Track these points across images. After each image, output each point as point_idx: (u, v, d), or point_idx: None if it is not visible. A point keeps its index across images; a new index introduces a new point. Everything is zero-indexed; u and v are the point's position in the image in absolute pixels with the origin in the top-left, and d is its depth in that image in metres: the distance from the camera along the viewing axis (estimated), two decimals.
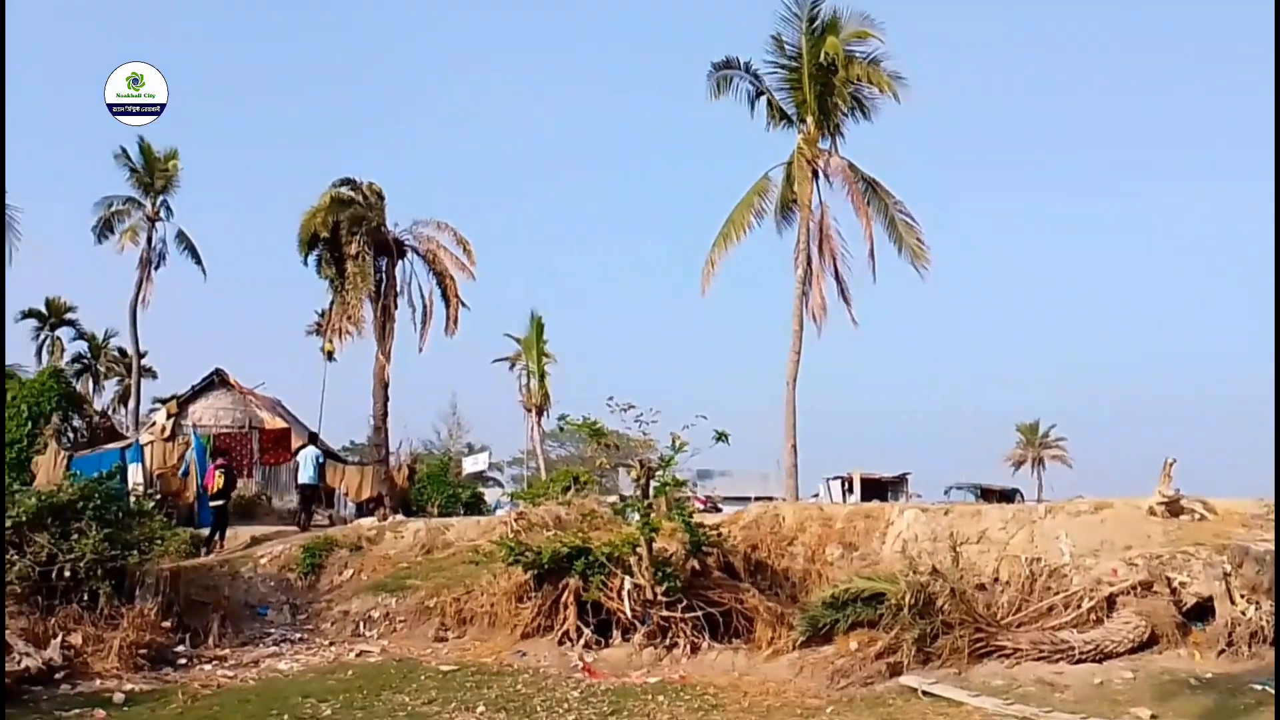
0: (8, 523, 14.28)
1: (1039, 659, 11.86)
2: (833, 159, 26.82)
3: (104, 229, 40.74)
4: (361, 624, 16.78)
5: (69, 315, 55.98)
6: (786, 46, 26.77)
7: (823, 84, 26.22)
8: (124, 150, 40.15)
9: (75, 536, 14.46)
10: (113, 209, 40.83)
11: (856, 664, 12.40)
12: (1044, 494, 56.21)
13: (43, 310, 54.83)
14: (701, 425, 15.38)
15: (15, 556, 14.03)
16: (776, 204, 27.66)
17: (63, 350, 56.16)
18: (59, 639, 13.12)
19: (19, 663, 12.29)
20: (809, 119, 26.76)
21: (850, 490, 40.71)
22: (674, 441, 15.47)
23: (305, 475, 23.58)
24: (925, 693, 11.19)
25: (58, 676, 12.52)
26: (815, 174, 26.70)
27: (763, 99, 27.62)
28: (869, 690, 11.82)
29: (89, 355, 57.85)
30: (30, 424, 23.27)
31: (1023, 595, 13.21)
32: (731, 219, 27.12)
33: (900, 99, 25.83)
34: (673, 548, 15.22)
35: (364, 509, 26.31)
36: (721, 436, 15.26)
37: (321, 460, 24.43)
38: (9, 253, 27.13)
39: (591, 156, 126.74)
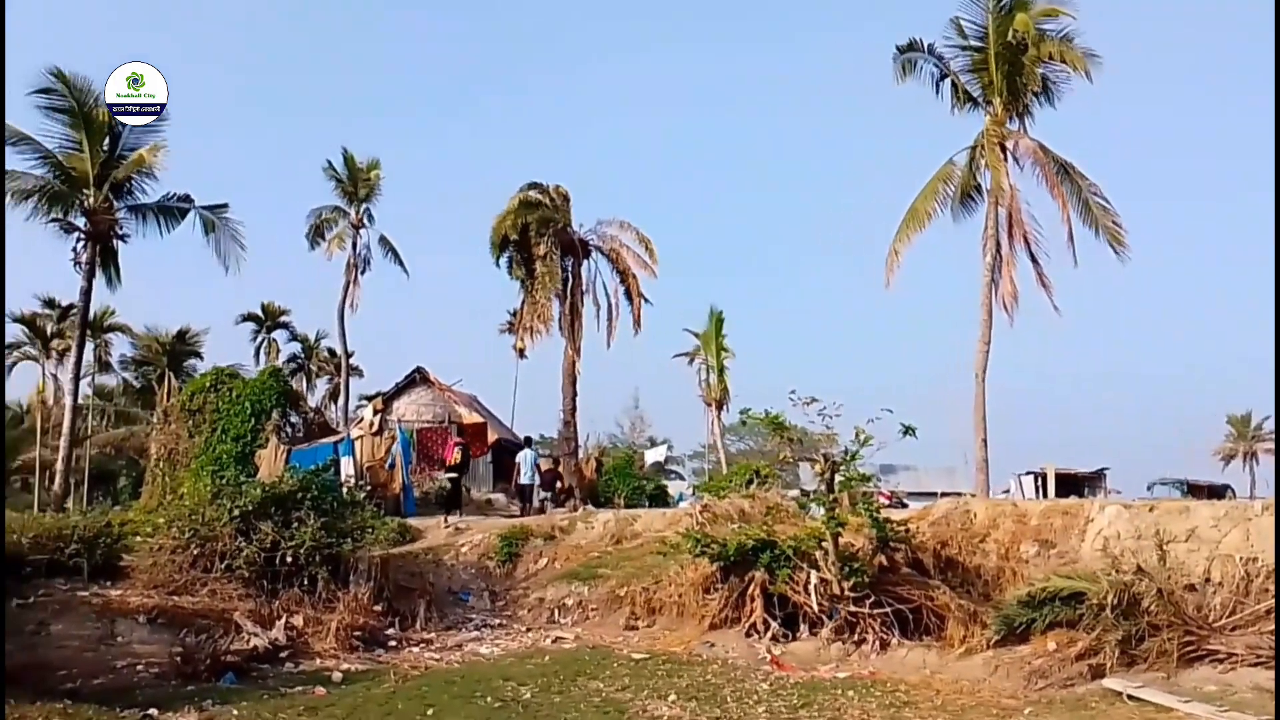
0: (236, 511, 15.34)
1: (1256, 664, 11.08)
2: (1022, 140, 25.77)
3: (314, 237, 43.18)
4: (556, 611, 17.26)
5: (283, 318, 59.70)
6: (966, 27, 25.93)
7: (1010, 63, 25.25)
8: (330, 163, 42.51)
9: (296, 525, 15.33)
10: (322, 218, 43.10)
11: (1055, 665, 11.91)
12: (1258, 490, 52.43)
13: (259, 314, 58.70)
14: (886, 419, 15.09)
15: (243, 543, 15.03)
16: (957, 190, 26.78)
17: (278, 351, 59.86)
18: (283, 620, 14.00)
19: (248, 642, 13.22)
20: (996, 100, 25.82)
21: (1044, 486, 39.11)
22: (858, 435, 15.21)
23: (525, 476, 25.21)
24: (1130, 697, 10.64)
25: (282, 655, 13.35)
26: (1005, 156, 25.72)
27: (947, 81, 26.84)
28: (1069, 692, 11.34)
29: (302, 355, 61.38)
30: (253, 420, 24.82)
31: (1237, 597, 12.35)
32: (914, 207, 26.40)
33: (1092, 78, 24.68)
34: (859, 543, 14.99)
35: (555, 500, 27.05)
36: (909, 430, 14.92)
37: (536, 461, 26.05)
38: (236, 263, 29.22)
39: (766, 149, 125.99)
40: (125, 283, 29.81)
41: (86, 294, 28.32)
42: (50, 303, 48.38)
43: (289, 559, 15.00)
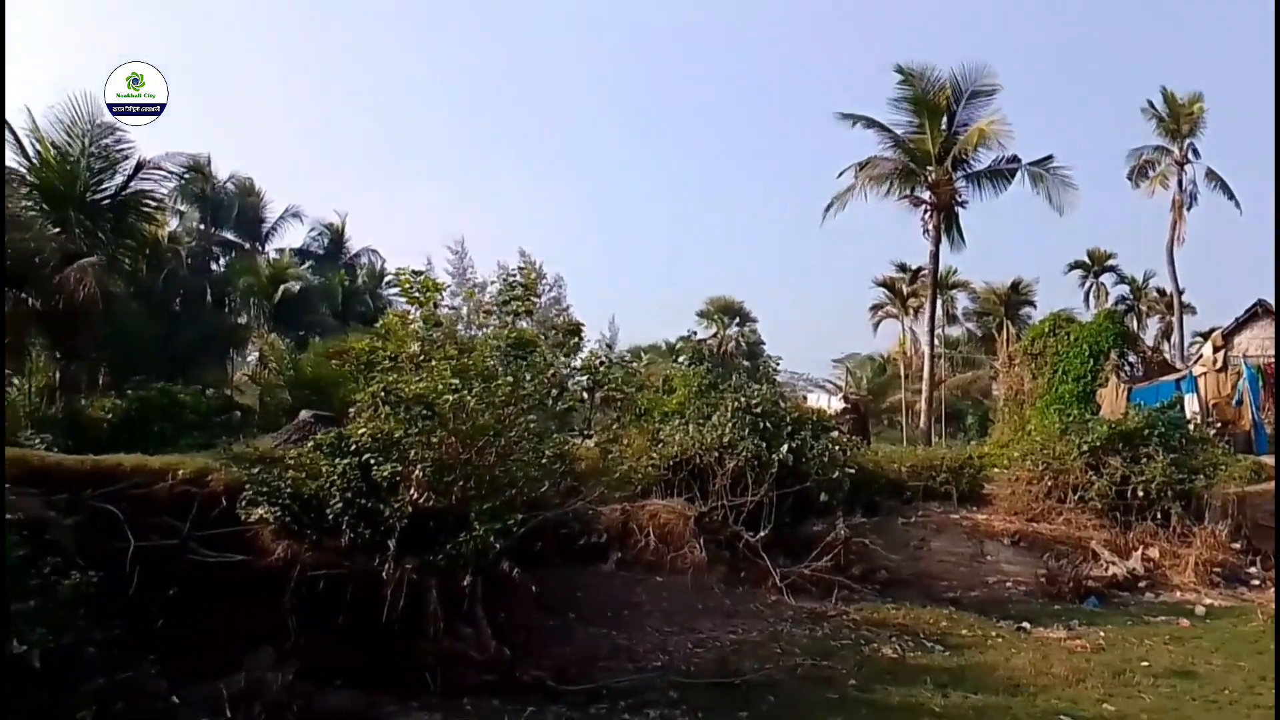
0: (1085, 447, 15.35)
1: None
2: None
3: (1136, 177, 41.08)
4: None
5: (1109, 263, 57.63)
6: None
7: None
8: (1150, 103, 40.06)
9: (1144, 460, 14.92)
10: (1143, 158, 41.05)
11: None
12: None
13: (1086, 261, 57.47)
14: None
15: (1093, 476, 15.05)
16: None
17: (1106, 294, 57.83)
18: (1139, 552, 13.80)
19: (1106, 570, 13.36)
20: None
21: None
22: None
23: None
24: None
25: (1140, 585, 13.18)
26: None
27: None
28: None
29: (1130, 297, 58.55)
30: (1091, 360, 24.47)
31: None
32: None
33: None
34: None
35: None
36: None
37: None
38: (1071, 208, 29.63)
39: None
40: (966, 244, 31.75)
41: (935, 257, 30.83)
42: (903, 267, 53.55)
43: (1139, 493, 14.69)
